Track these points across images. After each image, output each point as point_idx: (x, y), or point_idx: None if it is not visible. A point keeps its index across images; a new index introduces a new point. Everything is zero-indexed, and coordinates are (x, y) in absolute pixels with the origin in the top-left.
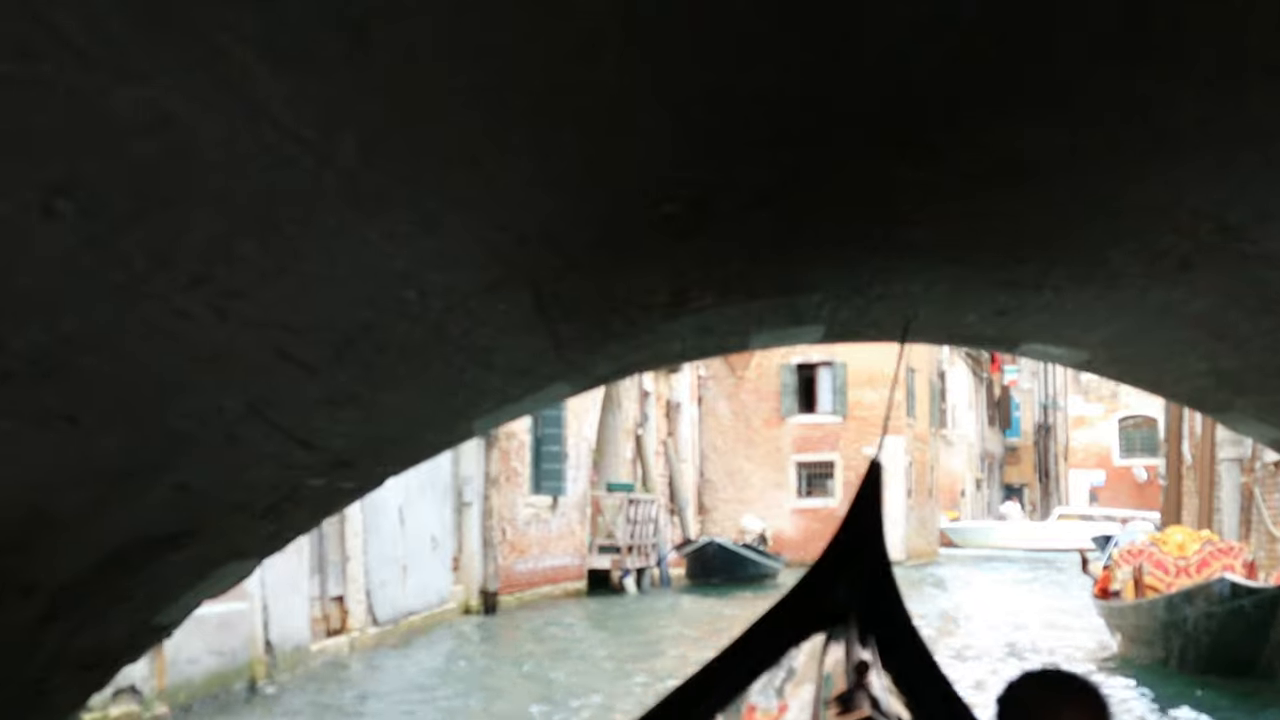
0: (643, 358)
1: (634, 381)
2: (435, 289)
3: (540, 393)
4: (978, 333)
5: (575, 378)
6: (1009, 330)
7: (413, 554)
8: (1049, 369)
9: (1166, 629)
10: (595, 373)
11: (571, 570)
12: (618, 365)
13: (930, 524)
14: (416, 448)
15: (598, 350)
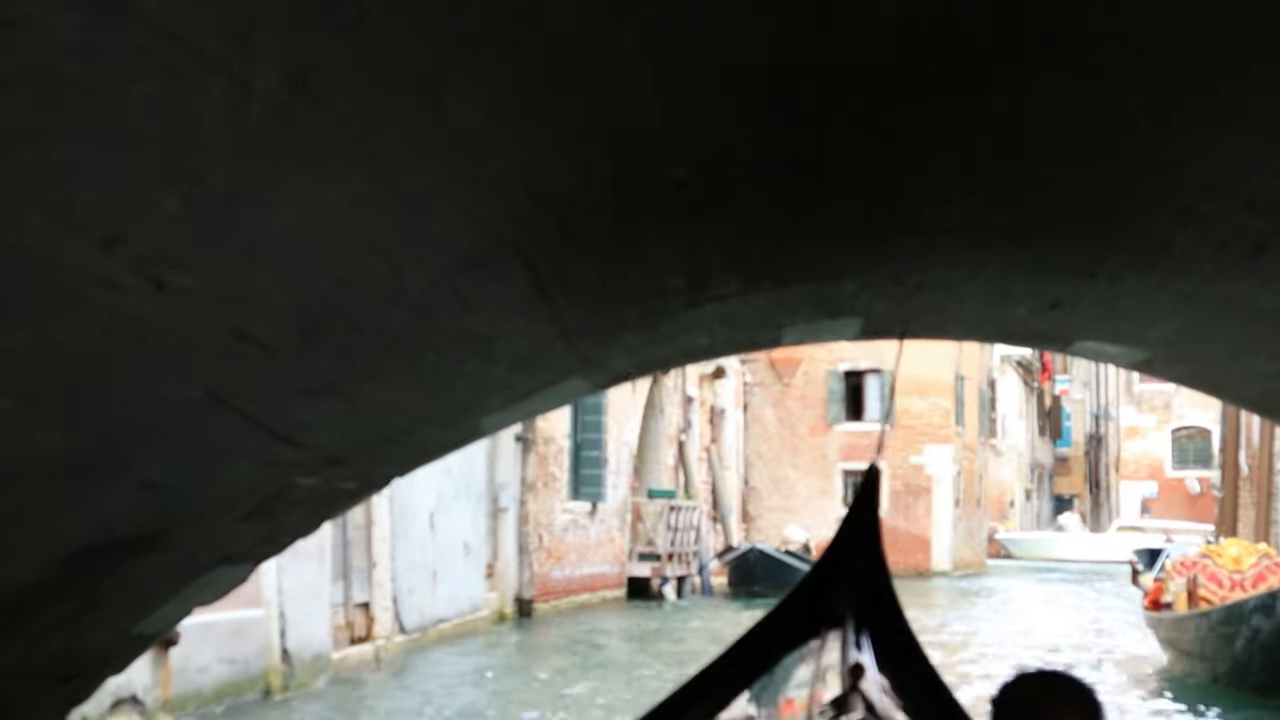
0: (665, 352)
1: (677, 386)
2: (411, 262)
3: (553, 389)
4: (1029, 329)
5: (591, 373)
6: (1061, 326)
7: (444, 560)
8: (1101, 379)
9: (1220, 644)
10: (612, 367)
11: (610, 578)
12: (637, 359)
13: (978, 534)
14: (420, 447)
15: (612, 342)
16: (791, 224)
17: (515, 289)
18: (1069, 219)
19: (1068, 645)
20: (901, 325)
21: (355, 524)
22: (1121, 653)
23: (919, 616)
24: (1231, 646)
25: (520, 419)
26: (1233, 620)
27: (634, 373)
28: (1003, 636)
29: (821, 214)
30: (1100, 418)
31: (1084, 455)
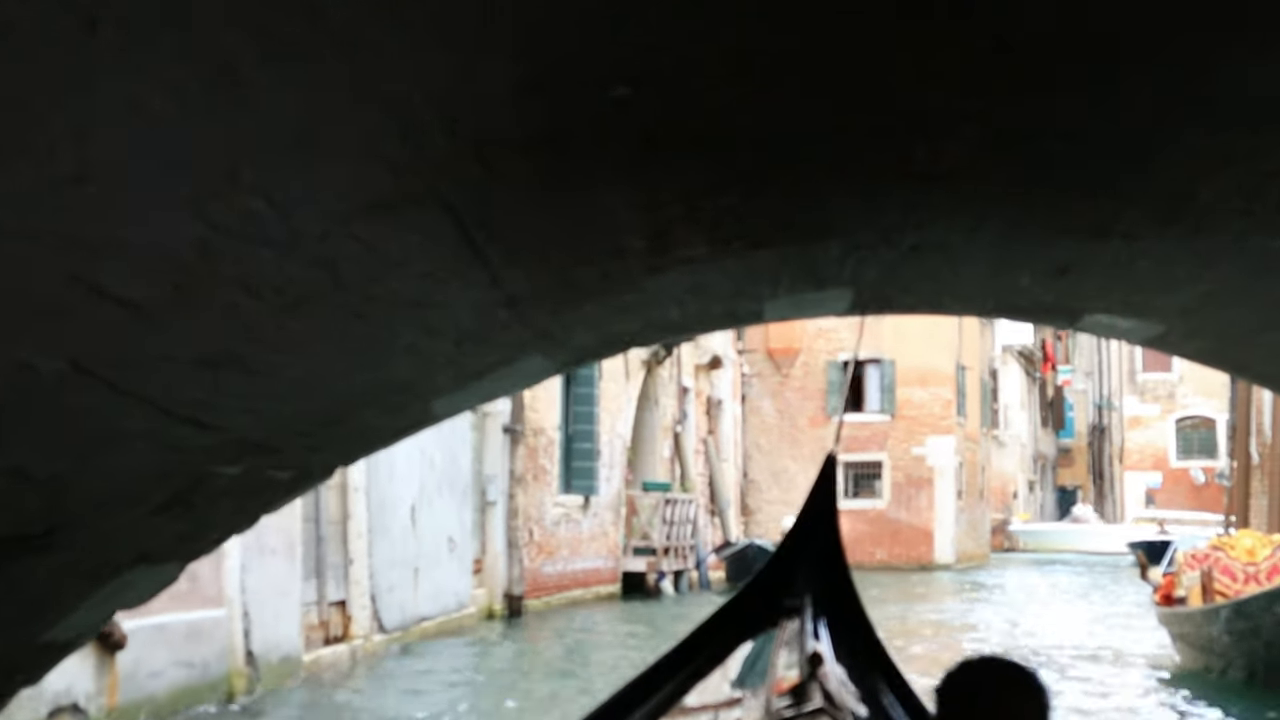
0: (632, 326)
1: (672, 377)
2: (296, 202)
3: (510, 368)
4: (1034, 300)
5: (552, 350)
6: (1069, 296)
7: (427, 556)
8: (1104, 368)
9: (1235, 639)
10: (575, 344)
11: (605, 573)
12: (601, 335)
13: (981, 526)
14: (363, 433)
15: (569, 312)
16: (762, 168)
17: (439, 243)
18: (1077, 164)
19: (1077, 641)
20: (894, 297)
21: (330, 519)
22: (1133, 649)
23: (921, 611)
24: (1247, 642)
25: (477, 401)
26: (1248, 615)
27: (600, 350)
28: (1012, 633)
29: (797, 158)
30: (1103, 408)
31: (1087, 446)
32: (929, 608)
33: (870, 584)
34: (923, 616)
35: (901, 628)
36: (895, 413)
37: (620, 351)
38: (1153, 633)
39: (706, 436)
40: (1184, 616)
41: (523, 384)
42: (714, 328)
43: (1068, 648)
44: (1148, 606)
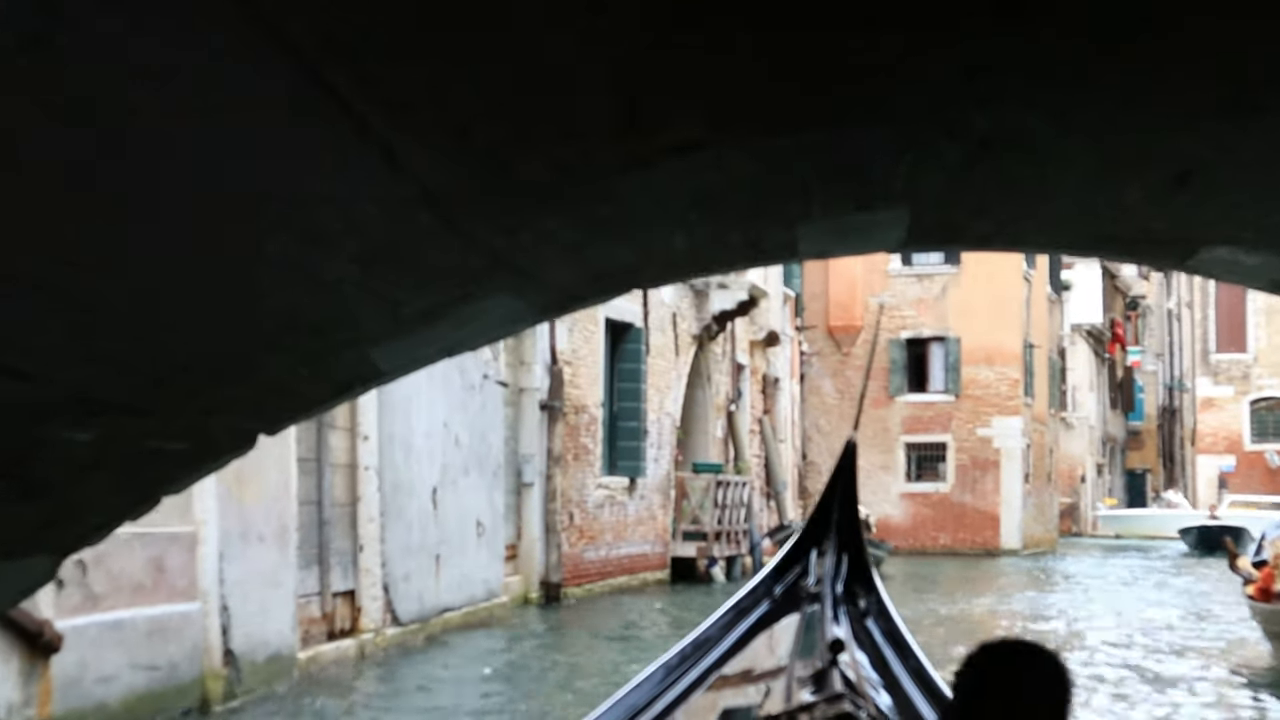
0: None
1: (725, 353)
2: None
3: (469, 309)
4: (1139, 226)
5: (522, 287)
6: (1187, 218)
7: (450, 541)
8: (1176, 348)
9: None
10: (551, 280)
11: (652, 559)
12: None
13: (1048, 510)
14: (276, 390)
15: (525, 229)
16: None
17: (291, 100)
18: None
19: (1160, 637)
20: (962, 225)
21: (336, 501)
22: (1221, 646)
23: (988, 604)
24: None
25: (437, 354)
26: None
27: (589, 290)
28: (1093, 624)
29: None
30: (1174, 389)
31: (1157, 429)
32: (996, 600)
33: (933, 570)
34: (991, 608)
35: (967, 624)
36: (960, 392)
37: (619, 293)
38: (1240, 626)
39: (762, 416)
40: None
41: (493, 332)
42: (737, 263)
43: (1149, 643)
44: (1228, 595)
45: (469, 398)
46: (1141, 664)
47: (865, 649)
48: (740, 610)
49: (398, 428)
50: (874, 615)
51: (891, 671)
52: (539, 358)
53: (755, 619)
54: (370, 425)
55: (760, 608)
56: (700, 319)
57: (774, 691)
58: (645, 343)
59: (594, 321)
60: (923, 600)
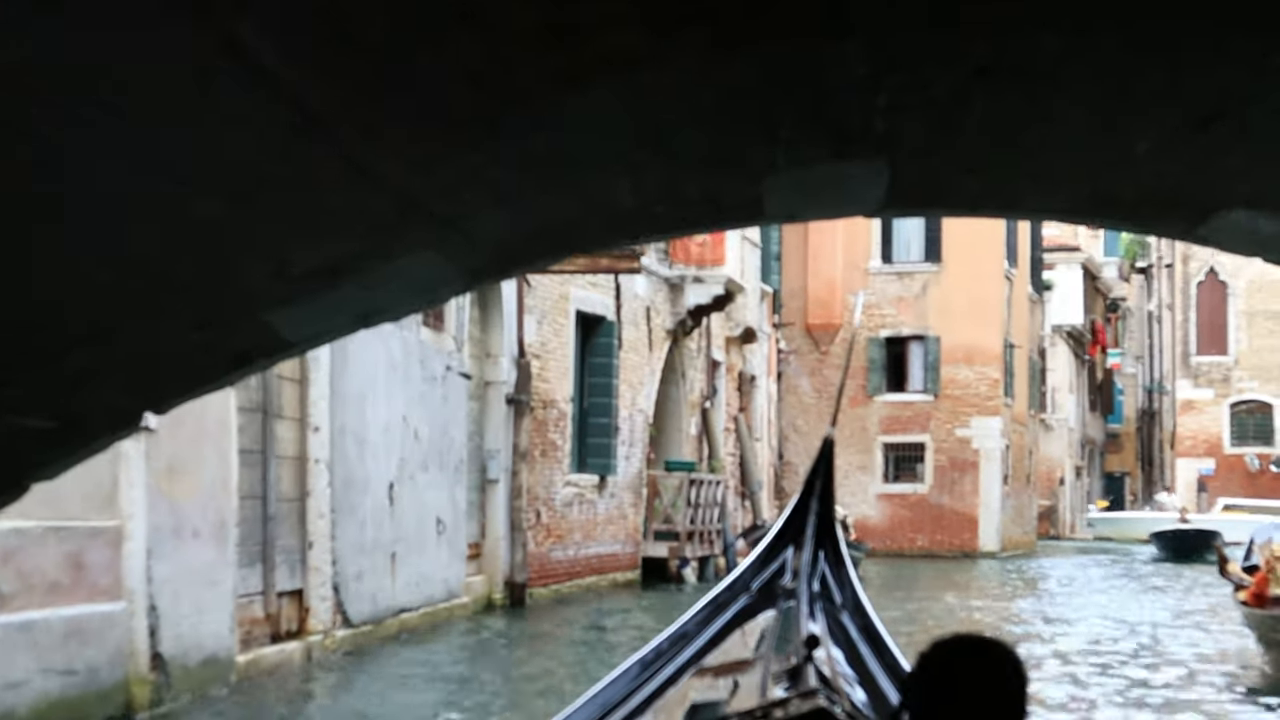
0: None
1: (700, 349)
2: None
3: (383, 267)
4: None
5: (448, 243)
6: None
7: (408, 539)
8: (1156, 350)
9: None
10: (482, 234)
11: (623, 559)
12: (521, 221)
13: (1027, 513)
14: (158, 362)
15: (437, 164)
16: None
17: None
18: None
19: (1149, 644)
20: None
21: (282, 496)
22: (1211, 655)
23: (969, 609)
24: None
25: (353, 322)
26: None
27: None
28: (1078, 633)
29: None
30: (1154, 392)
31: (1135, 431)
32: (978, 605)
33: (910, 572)
34: (971, 614)
35: (946, 628)
36: (939, 392)
37: (560, 254)
38: (1232, 635)
39: (738, 414)
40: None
41: (416, 298)
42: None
43: (1139, 651)
44: (1217, 601)
45: (430, 390)
46: (1138, 674)
47: (841, 645)
48: (717, 605)
49: (352, 420)
50: (850, 611)
51: (867, 667)
52: (506, 350)
53: (732, 614)
54: (322, 416)
55: (738, 603)
56: (675, 313)
57: (749, 687)
58: (617, 336)
59: (564, 314)
60: (901, 605)
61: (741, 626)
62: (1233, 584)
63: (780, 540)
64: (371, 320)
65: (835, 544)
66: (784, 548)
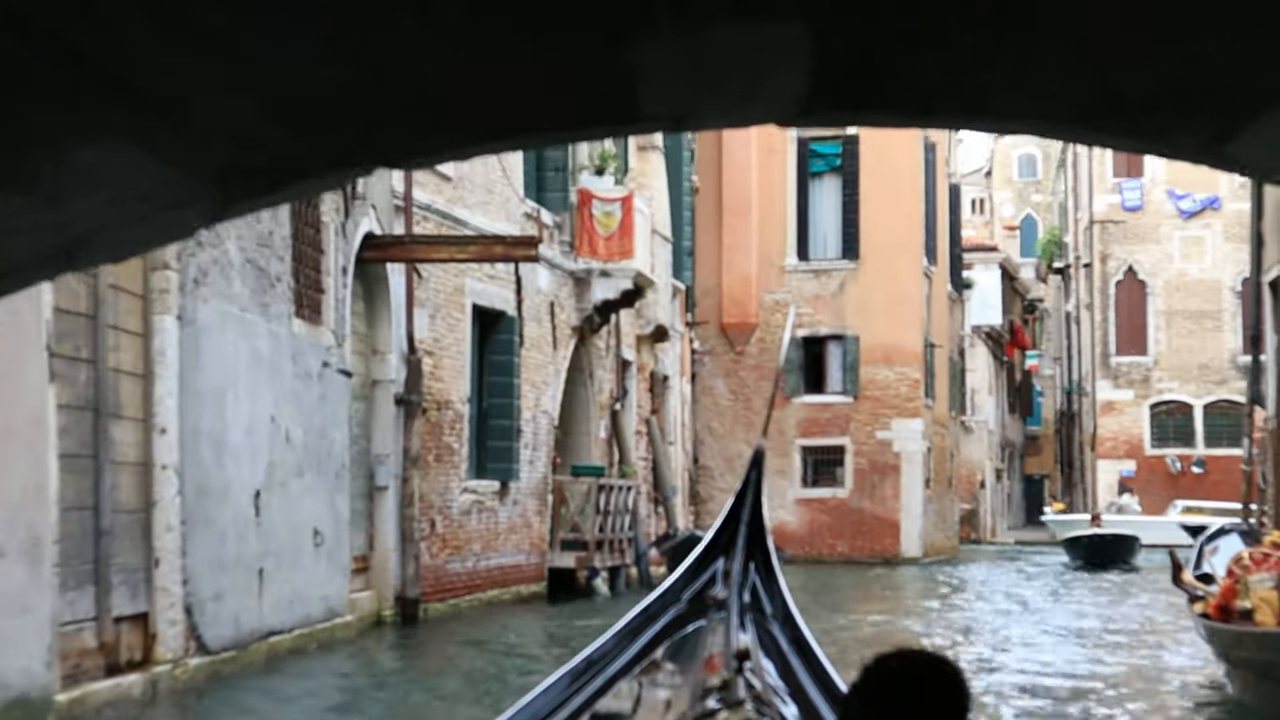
0: (339, 80)
1: (609, 348)
2: None
3: (39, 163)
4: (1170, 73)
5: (155, 132)
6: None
7: (279, 553)
8: (1075, 351)
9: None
10: (203, 120)
11: (527, 570)
12: (261, 95)
13: (949, 517)
14: None
15: None
16: None
17: None
18: None
19: (1098, 663)
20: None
21: (120, 506)
22: (1167, 674)
23: (899, 625)
24: None
25: (47, 261)
26: None
27: (288, 156)
28: (1010, 652)
29: None
30: (1073, 393)
31: (1054, 434)
32: (909, 623)
33: (830, 580)
34: (901, 628)
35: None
36: (859, 393)
37: (344, 170)
38: (1184, 651)
39: (650, 416)
40: (1259, 640)
41: (139, 224)
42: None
43: (1087, 673)
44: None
45: (304, 388)
46: (1077, 696)
47: (771, 657)
48: (648, 616)
49: (207, 420)
50: (781, 623)
51: (797, 679)
52: (395, 346)
53: (662, 625)
54: (169, 416)
55: (668, 614)
56: (581, 309)
57: (679, 699)
58: (519, 333)
59: (459, 308)
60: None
61: (671, 637)
62: (1187, 594)
63: (711, 551)
64: (78, 258)
65: (766, 555)
66: (715, 558)
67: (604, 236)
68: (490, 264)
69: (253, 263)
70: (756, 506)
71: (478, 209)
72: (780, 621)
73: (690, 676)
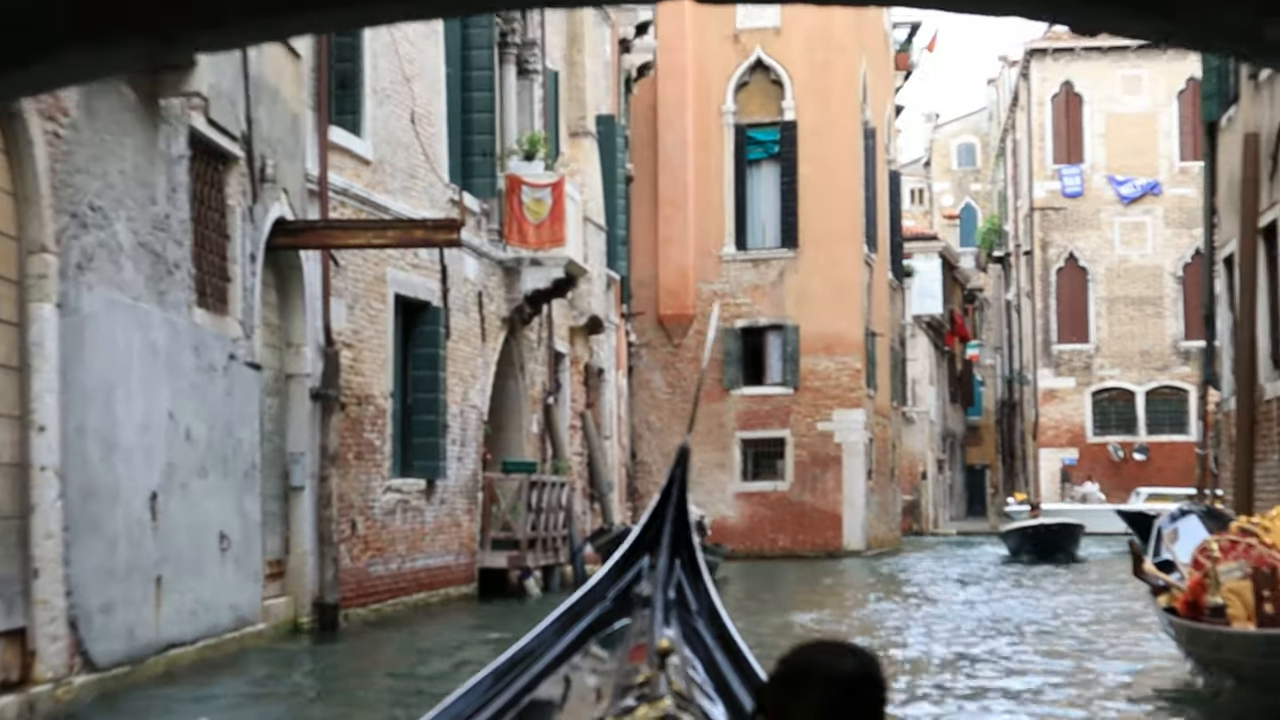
0: None
1: (541, 340)
2: None
3: None
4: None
5: None
6: None
7: (179, 560)
8: (1016, 340)
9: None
10: None
11: (456, 571)
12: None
13: (892, 509)
14: None
15: None
16: None
17: None
18: None
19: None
20: None
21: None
22: (1134, 670)
23: (845, 622)
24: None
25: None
26: None
27: None
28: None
29: None
30: (1014, 382)
31: (995, 424)
32: (859, 619)
33: (772, 576)
34: (849, 627)
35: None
36: (799, 384)
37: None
38: (1146, 645)
39: (584, 410)
40: (1235, 641)
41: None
42: None
43: (1044, 667)
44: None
45: (208, 382)
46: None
47: (697, 653)
48: (573, 614)
49: (93, 418)
50: (706, 620)
51: (722, 675)
52: (310, 338)
53: (588, 623)
54: (48, 413)
55: (593, 612)
56: (511, 299)
57: (603, 696)
58: (445, 324)
59: (380, 298)
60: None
61: (597, 634)
62: (1150, 586)
63: (636, 548)
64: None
65: (691, 552)
66: (640, 555)
67: (534, 224)
68: (413, 251)
69: (146, 247)
70: (681, 503)
71: (400, 194)
72: (705, 618)
73: (614, 674)
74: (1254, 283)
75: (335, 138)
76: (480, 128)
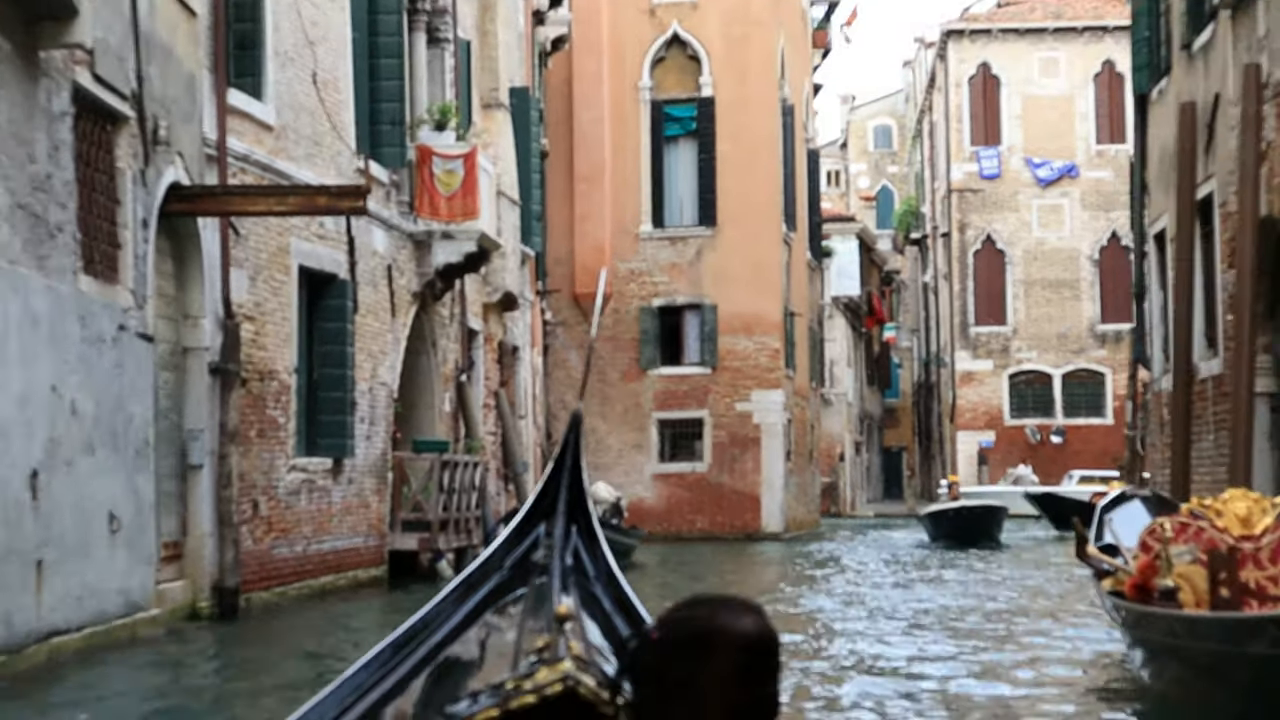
0: None
1: (454, 316)
2: None
3: None
4: None
5: None
6: None
7: (62, 542)
8: (933, 322)
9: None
10: None
11: (365, 553)
12: None
13: (810, 491)
14: None
15: None
16: None
17: None
18: None
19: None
20: None
21: None
22: (1069, 662)
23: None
24: None
25: None
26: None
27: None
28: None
29: None
30: (931, 365)
31: (912, 406)
32: (783, 604)
33: (687, 559)
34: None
35: None
36: (717, 364)
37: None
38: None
39: (499, 389)
40: (1191, 625)
41: None
42: None
43: (983, 658)
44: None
45: (95, 354)
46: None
47: (595, 618)
48: (470, 584)
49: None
50: (603, 585)
51: (621, 639)
52: (209, 310)
53: (485, 592)
54: None
55: (490, 581)
56: (422, 273)
57: (503, 663)
58: (352, 298)
59: (284, 269)
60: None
61: (495, 604)
62: (1093, 570)
63: (532, 516)
64: None
65: (588, 518)
66: (536, 523)
67: (445, 196)
68: (318, 221)
69: (25, 209)
70: (576, 470)
71: (304, 162)
72: (603, 583)
73: (512, 641)
74: (1191, 257)
75: (235, 101)
76: (389, 95)
